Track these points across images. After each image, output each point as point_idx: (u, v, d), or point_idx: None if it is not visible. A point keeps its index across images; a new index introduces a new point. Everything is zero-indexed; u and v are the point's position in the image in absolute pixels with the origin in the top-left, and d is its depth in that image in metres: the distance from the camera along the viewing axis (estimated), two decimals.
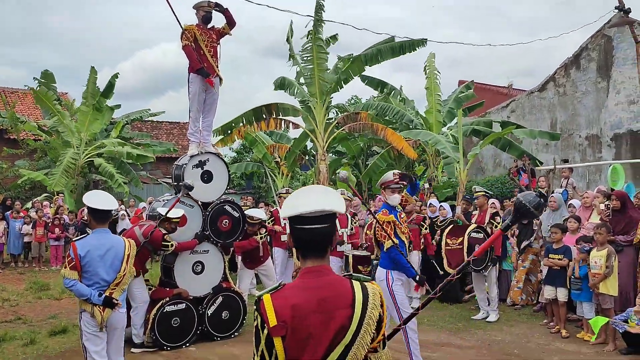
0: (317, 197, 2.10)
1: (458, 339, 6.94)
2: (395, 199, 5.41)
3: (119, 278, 4.43)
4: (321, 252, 2.06)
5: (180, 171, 6.91)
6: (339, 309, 1.97)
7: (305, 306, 1.95)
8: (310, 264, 2.05)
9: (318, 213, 2.01)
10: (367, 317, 1.98)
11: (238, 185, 26.00)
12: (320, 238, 2.05)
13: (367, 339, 1.99)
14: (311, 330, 1.94)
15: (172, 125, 28.84)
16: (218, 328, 6.84)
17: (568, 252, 7.05)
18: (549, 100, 16.50)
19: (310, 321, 1.94)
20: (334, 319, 1.96)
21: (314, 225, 2.02)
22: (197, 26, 6.96)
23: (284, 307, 1.94)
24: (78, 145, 17.30)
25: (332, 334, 1.95)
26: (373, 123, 15.26)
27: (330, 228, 2.05)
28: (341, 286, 2.02)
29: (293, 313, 1.93)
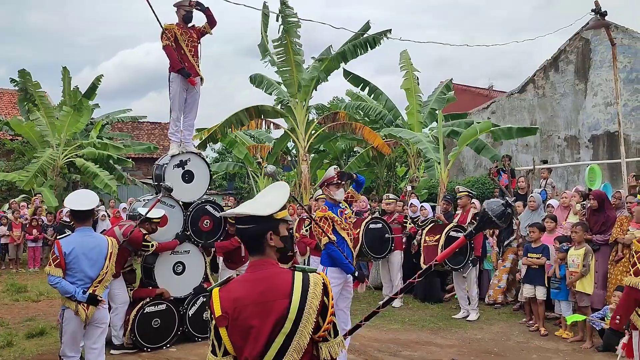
0: (253, 200, 2.33)
1: (439, 337, 6.99)
2: (340, 193, 5.44)
3: (101, 275, 4.61)
4: (257, 249, 2.21)
5: (161, 171, 6.86)
6: (277, 299, 2.08)
7: (245, 298, 2.09)
8: (253, 259, 2.22)
9: (238, 215, 2.21)
10: (307, 306, 2.09)
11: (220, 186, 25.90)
12: (247, 237, 2.22)
13: (309, 328, 2.09)
14: (251, 321, 2.07)
15: (153, 126, 28.62)
16: (199, 329, 6.80)
17: (546, 251, 7.16)
18: (528, 101, 16.70)
19: (250, 312, 2.07)
20: (272, 310, 2.07)
21: (240, 225, 2.22)
22: (178, 25, 6.92)
23: (227, 300, 2.11)
24: (57, 145, 17.06)
25: (271, 324, 2.07)
26: (351, 122, 15.38)
27: (254, 229, 2.20)
28: (280, 278, 2.15)
29: (234, 305, 2.09)
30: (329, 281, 2.22)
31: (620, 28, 14.29)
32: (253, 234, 2.20)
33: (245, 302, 2.09)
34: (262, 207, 2.22)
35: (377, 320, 7.82)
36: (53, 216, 14.19)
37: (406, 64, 16.07)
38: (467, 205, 8.31)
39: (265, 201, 2.26)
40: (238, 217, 2.22)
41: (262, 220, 2.20)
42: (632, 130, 14.19)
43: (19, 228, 13.13)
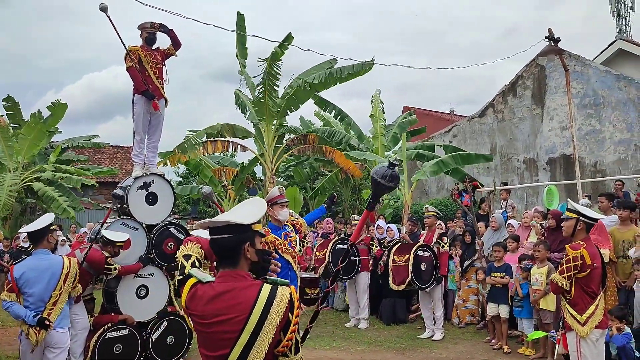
0: (229, 212, 2.32)
1: (405, 357, 7.02)
2: (285, 213, 5.45)
3: (54, 297, 4.51)
4: (229, 260, 2.21)
5: (124, 193, 6.75)
6: (238, 312, 2.09)
7: (209, 309, 2.12)
8: (223, 271, 2.22)
9: (218, 224, 2.21)
10: (267, 321, 2.09)
11: (184, 210, 25.56)
12: (223, 247, 2.20)
13: (266, 342, 2.10)
14: (213, 329, 2.11)
15: (116, 149, 28.17)
16: (163, 353, 6.63)
17: (509, 270, 7.31)
18: (488, 125, 17.17)
19: (212, 321, 2.10)
20: (231, 322, 2.09)
21: (216, 235, 2.21)
22: (142, 47, 6.90)
23: (193, 302, 2.16)
24: (15, 169, 16.61)
25: (229, 335, 2.09)
26: (321, 145, 15.46)
27: (232, 239, 2.19)
28: (245, 291, 2.14)
29: (200, 311, 2.14)
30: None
31: (573, 55, 14.92)
32: (230, 244, 2.20)
33: (208, 312, 2.12)
34: (241, 216, 2.22)
35: (344, 342, 7.82)
36: (9, 242, 13.71)
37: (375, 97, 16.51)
38: (434, 225, 8.45)
39: (243, 213, 2.26)
40: (214, 227, 2.21)
41: (240, 230, 2.20)
42: (587, 153, 14.74)
43: None
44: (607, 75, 14.68)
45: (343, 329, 8.69)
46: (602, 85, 14.66)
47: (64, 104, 16.97)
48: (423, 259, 7.96)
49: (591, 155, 14.75)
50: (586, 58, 15.28)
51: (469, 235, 8.81)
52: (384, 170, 2.56)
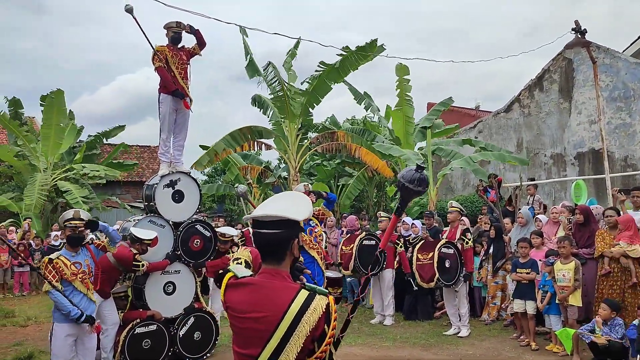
0: (277, 203, 2.18)
1: (430, 354, 6.99)
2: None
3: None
4: (274, 256, 2.13)
5: (151, 191, 6.87)
6: (270, 312, 2.04)
7: (244, 303, 2.10)
8: (265, 266, 2.15)
9: (269, 218, 2.08)
10: (297, 329, 2.00)
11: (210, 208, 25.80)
12: (271, 243, 2.11)
13: (294, 351, 2.01)
14: (245, 324, 2.09)
15: (142, 149, 28.58)
16: (190, 349, 6.75)
17: (535, 266, 7.22)
18: (514, 120, 16.93)
19: (246, 316, 2.09)
20: (264, 320, 2.05)
21: (265, 230, 2.10)
22: (168, 47, 7.00)
23: (232, 297, 2.16)
24: (45, 169, 17.00)
25: (261, 334, 2.05)
26: (348, 143, 15.39)
27: (283, 235, 2.10)
28: (282, 292, 2.07)
29: (234, 303, 2.14)
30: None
31: (601, 48, 14.62)
32: (279, 239, 2.11)
33: (243, 307, 2.11)
34: (294, 212, 2.13)
35: (369, 338, 7.82)
36: (41, 240, 14.07)
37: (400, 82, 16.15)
38: (456, 221, 8.38)
39: (291, 207, 2.15)
40: (262, 221, 2.11)
41: (290, 226, 2.12)
42: (616, 147, 14.43)
43: (6, 253, 12.99)
44: (637, 67, 14.34)
45: (368, 325, 8.69)
46: (632, 77, 14.32)
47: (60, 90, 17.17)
48: (447, 255, 7.92)
49: (621, 149, 14.44)
50: (615, 50, 14.95)
51: (493, 230, 8.72)
52: (412, 174, 2.44)
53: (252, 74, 15.43)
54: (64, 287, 5.17)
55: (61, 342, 5.06)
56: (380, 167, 15.16)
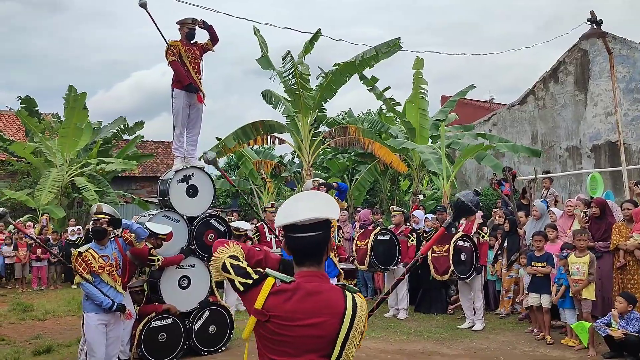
0: (308, 204, 2.10)
1: (445, 347, 6.98)
2: None
3: None
4: (315, 258, 2.06)
5: (166, 186, 6.93)
6: (330, 316, 1.96)
7: (299, 310, 1.95)
8: (307, 270, 2.06)
9: (309, 221, 2.02)
10: (353, 329, 1.99)
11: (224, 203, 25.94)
12: (312, 246, 2.04)
13: (353, 350, 2.00)
14: (299, 332, 1.94)
15: (157, 144, 28.78)
16: (205, 343, 6.81)
17: (550, 259, 7.17)
18: (529, 113, 16.79)
19: (301, 324, 1.94)
20: (323, 325, 1.95)
21: (305, 233, 2.02)
22: (181, 42, 7.04)
23: (276, 304, 1.96)
24: (61, 165, 17.20)
25: (320, 340, 1.96)
26: (360, 137, 15.34)
27: (322, 235, 2.05)
28: (333, 294, 2.01)
29: (283, 311, 1.95)
30: None
31: (618, 39, 14.42)
32: (319, 241, 2.04)
33: (297, 313, 1.96)
34: (329, 211, 2.07)
35: (383, 332, 7.84)
36: (58, 235, 14.26)
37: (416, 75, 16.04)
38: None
39: (323, 207, 2.09)
40: (299, 225, 2.03)
41: (326, 225, 2.06)
42: (633, 139, 14.25)
43: (24, 247, 13.19)
44: None
45: (382, 319, 8.70)
46: None
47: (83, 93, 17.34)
48: (463, 249, 7.89)
49: (638, 141, 14.25)
50: (632, 41, 14.73)
51: (507, 223, 8.67)
52: (472, 197, 2.65)
53: (265, 66, 15.44)
54: (93, 279, 5.27)
55: (94, 329, 5.22)
56: (393, 161, 15.11)
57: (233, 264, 2.08)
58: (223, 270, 2.10)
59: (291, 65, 14.13)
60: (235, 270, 2.07)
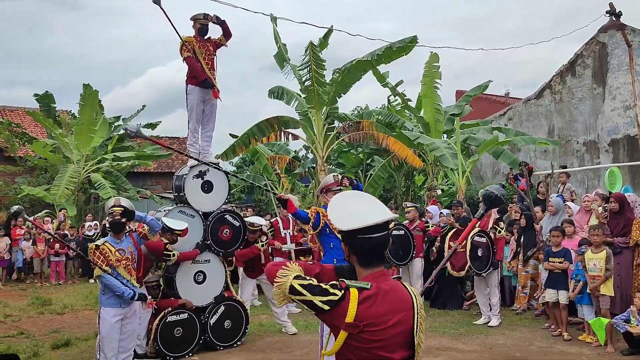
0: (372, 206, 2.18)
1: (460, 343, 6.95)
2: None
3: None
4: (380, 257, 2.13)
5: (181, 182, 6.96)
6: (406, 310, 2.06)
7: (382, 312, 2.00)
8: (374, 271, 2.11)
9: (382, 222, 2.09)
10: (420, 317, 2.11)
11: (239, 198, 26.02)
12: (380, 246, 2.10)
13: (422, 337, 2.10)
14: (388, 332, 2.00)
15: (172, 140, 28.94)
16: (220, 337, 6.85)
17: (568, 255, 7.10)
18: (545, 107, 16.61)
19: (387, 326, 2.00)
20: (402, 324, 2.04)
21: (378, 233, 2.08)
22: (195, 38, 7.05)
23: (366, 312, 1.97)
24: (78, 161, 17.38)
25: (402, 336, 2.04)
26: (374, 132, 15.25)
27: (387, 235, 2.12)
28: (401, 289, 2.11)
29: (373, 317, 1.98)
30: None
31: (637, 31, 14.18)
32: (385, 241, 2.11)
33: (382, 315, 2.01)
34: (387, 212, 2.15)
35: None
36: (75, 230, 14.42)
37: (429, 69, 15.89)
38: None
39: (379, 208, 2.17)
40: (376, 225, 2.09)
41: (388, 225, 2.14)
42: None
43: (42, 243, 13.36)
44: None
45: None
46: None
47: (95, 91, 17.48)
48: (480, 244, 7.84)
49: None
50: None
51: (523, 219, 8.59)
52: (502, 190, 2.95)
53: (281, 63, 15.42)
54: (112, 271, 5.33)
55: (109, 324, 5.27)
56: (408, 156, 15.01)
57: (303, 284, 2.01)
58: (292, 294, 2.01)
59: (309, 58, 14.07)
60: (310, 290, 2.00)
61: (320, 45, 14.74)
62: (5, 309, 9.90)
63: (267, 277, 2.16)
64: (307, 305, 2.01)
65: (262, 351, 6.76)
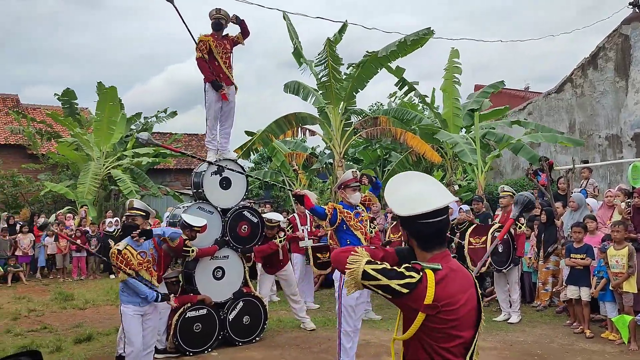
0: (433, 189, 2.16)
1: (480, 340, 6.84)
2: (357, 197, 5.47)
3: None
4: (442, 242, 2.14)
5: (199, 179, 7.01)
6: (471, 288, 2.09)
7: (459, 291, 2.03)
8: (438, 252, 2.11)
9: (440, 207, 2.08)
10: (479, 293, 2.14)
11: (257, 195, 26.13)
12: (444, 230, 2.12)
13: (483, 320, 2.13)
14: (462, 312, 2.02)
15: (190, 137, 29.14)
16: (239, 333, 6.89)
17: (590, 251, 6.99)
18: (566, 101, 16.36)
19: (460, 305, 2.01)
20: (470, 301, 2.06)
21: (438, 218, 2.07)
22: (212, 36, 7.07)
23: (443, 292, 1.97)
24: (98, 158, 17.60)
25: (469, 314, 2.06)
26: (392, 127, 15.16)
27: (446, 219, 2.12)
28: (464, 269, 2.15)
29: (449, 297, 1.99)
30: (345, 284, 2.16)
31: None
32: (444, 225, 2.12)
33: (459, 296, 2.02)
34: (448, 196, 2.15)
35: None
36: (97, 226, 14.61)
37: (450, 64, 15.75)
38: (509, 205, 8.17)
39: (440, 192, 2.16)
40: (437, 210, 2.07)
41: (447, 210, 2.14)
42: None
43: (64, 239, 13.56)
44: None
45: None
46: None
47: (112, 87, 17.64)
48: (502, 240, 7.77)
49: None
50: None
51: (544, 214, 8.48)
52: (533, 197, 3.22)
53: (298, 60, 15.41)
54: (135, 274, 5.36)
55: (131, 319, 5.33)
56: (426, 151, 14.90)
57: (377, 269, 1.99)
58: (365, 279, 1.99)
59: (325, 55, 14.04)
60: (385, 274, 1.98)
61: (336, 39, 14.70)
62: (29, 304, 10.09)
63: (335, 264, 2.13)
64: (381, 290, 1.98)
65: (281, 347, 6.78)
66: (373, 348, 6.51)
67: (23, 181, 18.61)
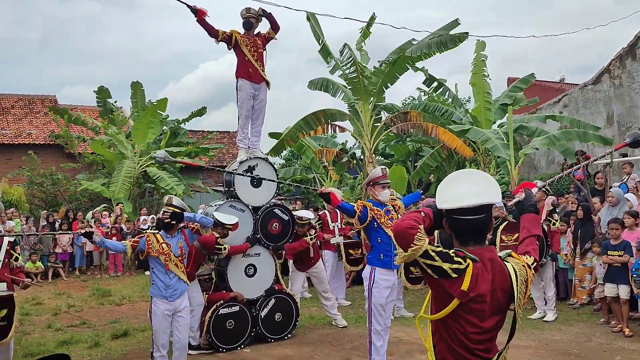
0: (473, 188, 2.22)
1: (514, 339, 6.72)
2: (385, 194, 5.42)
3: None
4: (480, 240, 2.21)
5: (231, 177, 7.08)
6: (506, 285, 2.16)
7: (489, 283, 2.12)
8: (479, 248, 2.20)
9: (479, 204, 2.16)
10: (518, 292, 2.17)
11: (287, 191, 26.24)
12: (480, 228, 2.20)
13: (520, 312, 2.22)
14: (492, 303, 2.13)
15: (222, 135, 29.44)
16: (271, 330, 6.95)
17: (628, 248, 6.80)
18: (604, 92, 15.90)
19: (490, 295, 2.12)
20: (503, 290, 2.15)
21: (472, 216, 2.16)
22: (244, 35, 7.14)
23: (477, 281, 2.09)
24: (133, 157, 17.93)
25: (498, 304, 2.16)
26: (423, 122, 15.00)
27: (486, 218, 2.19)
28: (503, 266, 2.19)
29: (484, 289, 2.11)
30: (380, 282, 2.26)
31: None
32: (482, 223, 2.20)
33: (489, 289, 2.13)
34: (492, 194, 2.22)
35: None
36: (132, 223, 14.91)
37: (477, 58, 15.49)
38: (541, 201, 8.00)
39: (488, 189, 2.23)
40: (466, 208, 2.17)
41: (489, 209, 2.22)
42: None
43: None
44: None
45: None
46: None
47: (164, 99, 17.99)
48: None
49: None
50: None
51: (581, 210, 8.28)
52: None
53: (326, 58, 15.37)
54: (155, 266, 5.44)
55: (159, 316, 5.43)
56: (458, 146, 14.69)
57: (436, 250, 2.12)
58: (423, 257, 2.11)
59: (349, 55, 14.01)
60: (442, 256, 2.11)
61: (364, 34, 14.60)
62: (69, 299, 10.38)
63: (397, 236, 2.20)
64: (431, 269, 2.11)
65: (313, 344, 6.81)
66: (405, 345, 6.48)
67: (61, 179, 19.10)
